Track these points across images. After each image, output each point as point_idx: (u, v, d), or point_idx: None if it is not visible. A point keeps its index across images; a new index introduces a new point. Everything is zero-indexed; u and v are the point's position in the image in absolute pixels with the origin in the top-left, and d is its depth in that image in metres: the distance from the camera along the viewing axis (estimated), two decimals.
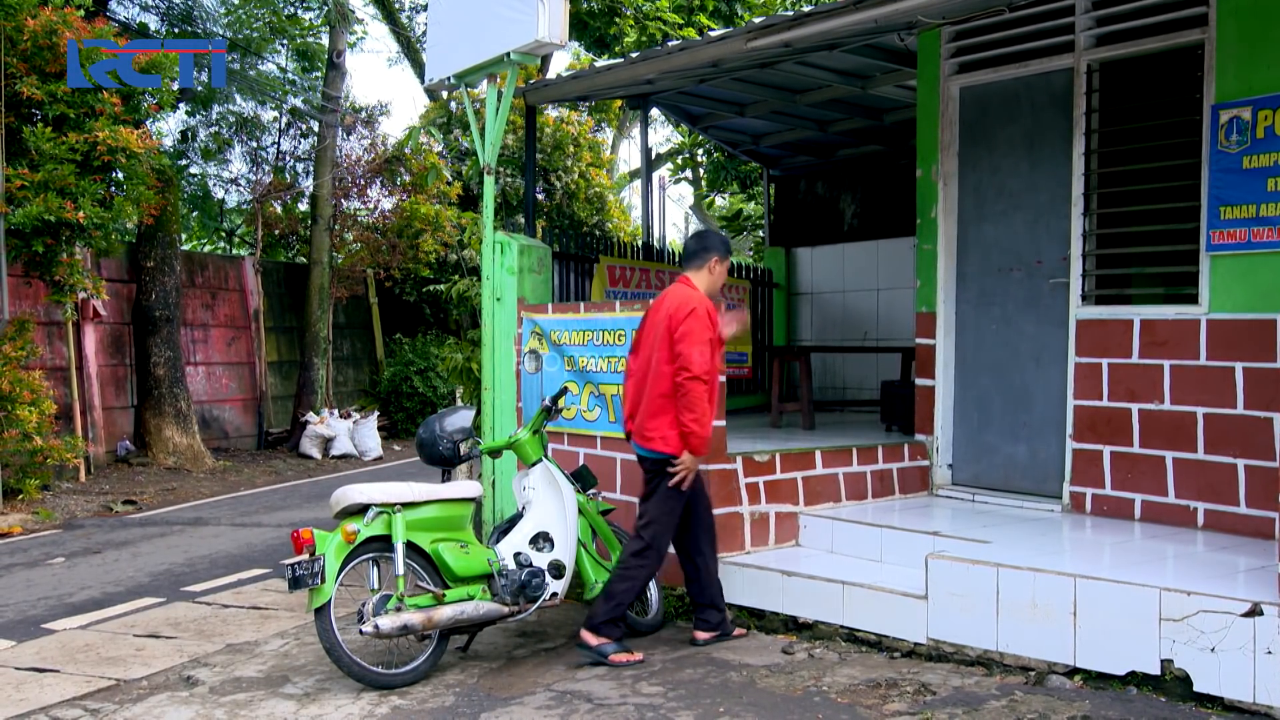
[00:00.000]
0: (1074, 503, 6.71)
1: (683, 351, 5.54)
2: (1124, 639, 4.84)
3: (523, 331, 7.66)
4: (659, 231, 12.58)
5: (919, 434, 7.64)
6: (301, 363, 17.79)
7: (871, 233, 11.23)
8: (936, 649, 5.43)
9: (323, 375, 17.69)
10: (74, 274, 11.51)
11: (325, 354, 17.86)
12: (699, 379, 5.51)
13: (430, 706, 5.12)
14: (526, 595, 5.68)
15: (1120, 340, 6.48)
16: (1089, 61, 6.66)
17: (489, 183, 7.82)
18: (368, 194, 18.96)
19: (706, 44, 7.36)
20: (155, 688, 5.59)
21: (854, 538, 6.55)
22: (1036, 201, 7.00)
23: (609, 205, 20.28)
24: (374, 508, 5.48)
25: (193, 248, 22.85)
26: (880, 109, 10.33)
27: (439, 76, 8.13)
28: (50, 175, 10.49)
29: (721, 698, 5.04)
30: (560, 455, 7.13)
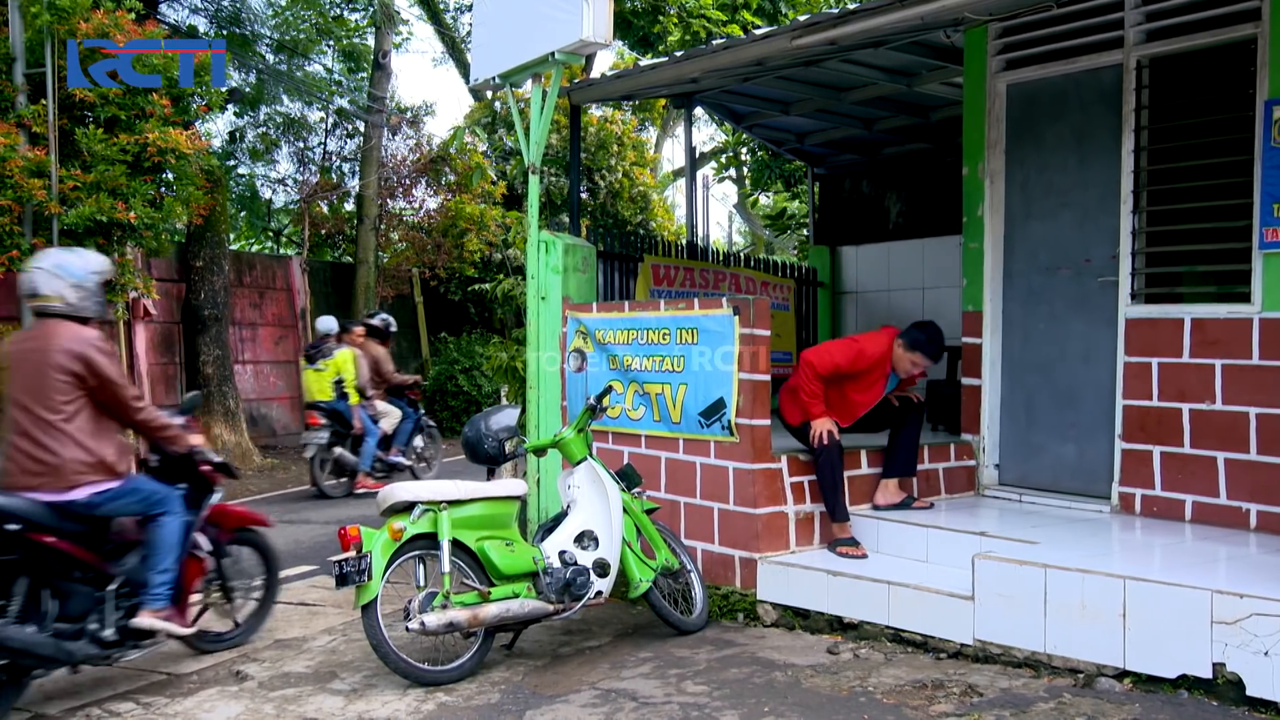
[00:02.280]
0: (1123, 503, 6.64)
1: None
2: (1175, 641, 4.78)
3: (567, 330, 7.68)
4: (703, 230, 12.58)
5: (965, 434, 7.58)
6: None
7: (917, 231, 11.16)
8: (983, 650, 5.39)
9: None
10: (125, 274, 11.65)
11: None
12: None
13: (476, 703, 5.14)
14: (571, 593, 5.70)
15: (1171, 339, 6.40)
16: (1138, 58, 6.58)
17: (534, 182, 7.85)
18: (413, 194, 19.11)
19: (751, 42, 7.34)
20: (205, 682, 5.66)
21: (900, 537, 6.52)
22: (1085, 199, 6.93)
23: (653, 204, 20.30)
24: (420, 505, 5.52)
25: (241, 247, 23.11)
26: (926, 106, 10.26)
27: (484, 76, 8.16)
28: (102, 176, 10.63)
29: (767, 697, 5.03)
30: (605, 454, 7.15)
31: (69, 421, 5.13)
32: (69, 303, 5.27)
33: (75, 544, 5.16)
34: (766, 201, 23.53)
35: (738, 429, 6.48)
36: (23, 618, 4.98)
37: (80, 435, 5.15)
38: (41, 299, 5.26)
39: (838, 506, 6.53)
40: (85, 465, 5.14)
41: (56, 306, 5.26)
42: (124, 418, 5.42)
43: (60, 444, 5.11)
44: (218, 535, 6.09)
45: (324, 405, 11.85)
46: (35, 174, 10.36)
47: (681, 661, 5.68)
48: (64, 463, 5.10)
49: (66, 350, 5.14)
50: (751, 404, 6.43)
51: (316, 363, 12.10)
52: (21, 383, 5.18)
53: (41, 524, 5.01)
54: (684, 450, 6.87)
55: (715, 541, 6.70)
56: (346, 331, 12.73)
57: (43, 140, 10.60)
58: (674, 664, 5.64)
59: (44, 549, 5.03)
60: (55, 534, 5.06)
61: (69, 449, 5.12)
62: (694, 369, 6.72)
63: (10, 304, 11.58)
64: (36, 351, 5.19)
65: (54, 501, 5.08)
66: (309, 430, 11.82)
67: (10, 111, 10.60)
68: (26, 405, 5.14)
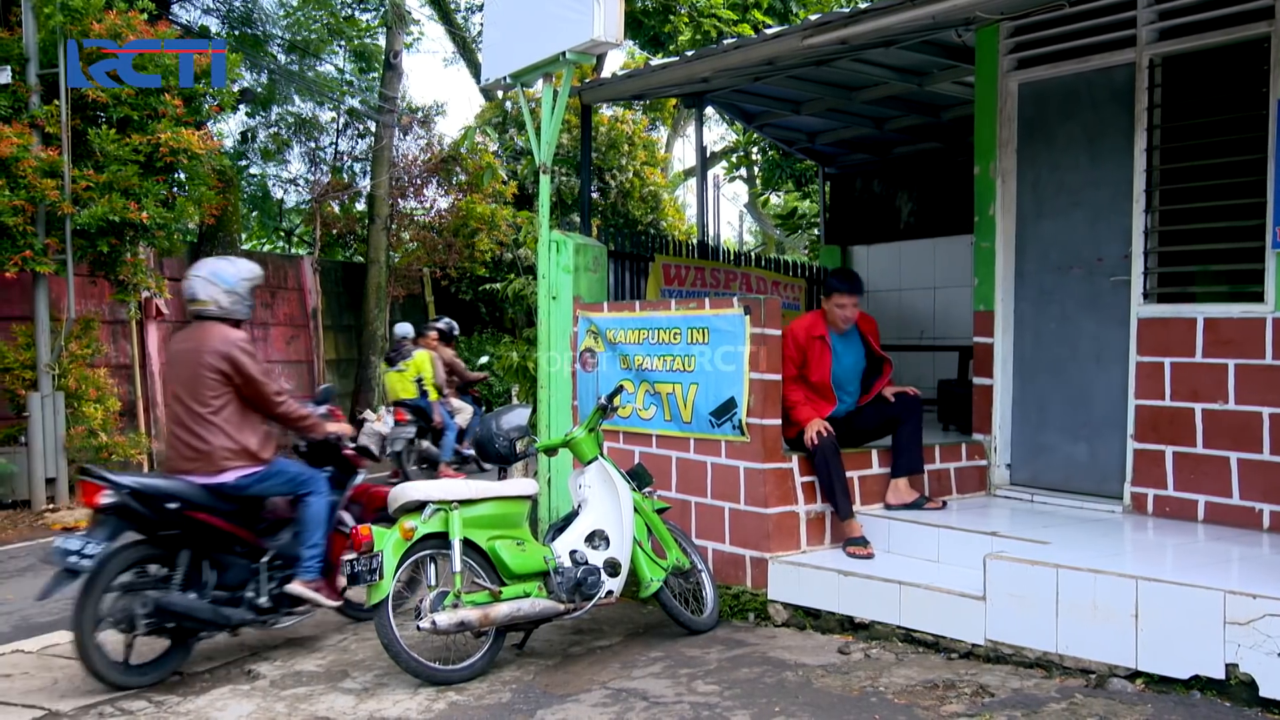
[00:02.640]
0: (1135, 503, 6.62)
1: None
2: (1187, 642, 4.77)
3: (578, 330, 7.69)
4: (714, 230, 12.58)
5: (977, 433, 7.57)
6: (359, 361, 17.97)
7: (928, 230, 11.14)
8: (995, 650, 5.38)
9: (380, 373, 17.85)
10: (138, 273, 11.72)
11: (382, 352, 18.01)
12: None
13: (487, 702, 5.15)
14: (582, 593, 5.70)
15: (1183, 339, 6.38)
16: (1151, 56, 6.56)
17: (545, 182, 7.85)
18: (424, 193, 19.12)
19: (762, 42, 7.33)
20: (218, 681, 5.68)
21: (911, 537, 6.51)
22: (1097, 198, 6.91)
23: (664, 204, 20.30)
24: (431, 505, 5.53)
25: (253, 247, 23.16)
26: (937, 106, 10.24)
27: (495, 76, 8.18)
28: (115, 176, 10.68)
29: (778, 697, 5.03)
30: (616, 454, 7.15)
31: (217, 414, 5.74)
32: (222, 307, 5.92)
33: (229, 521, 5.79)
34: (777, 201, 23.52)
35: (749, 429, 6.47)
36: (185, 586, 5.67)
37: (227, 426, 5.76)
38: (198, 303, 5.92)
39: (839, 504, 6.52)
40: (230, 452, 5.74)
41: (211, 310, 5.90)
42: (266, 411, 5.99)
43: (210, 433, 5.72)
44: (361, 514, 6.53)
45: (409, 403, 12.48)
46: (48, 174, 10.42)
47: (692, 661, 5.68)
48: (213, 449, 5.71)
49: (215, 351, 5.75)
50: (763, 404, 6.43)
51: (398, 365, 12.84)
52: (179, 378, 5.84)
53: (197, 503, 5.64)
54: (695, 450, 6.87)
55: (726, 541, 6.70)
56: (422, 335, 13.56)
57: (56, 140, 10.66)
58: (685, 663, 5.64)
59: (201, 525, 5.68)
60: (209, 511, 5.69)
61: (217, 437, 5.72)
62: (705, 368, 6.72)
63: (24, 303, 11.63)
64: (191, 351, 5.81)
65: (206, 483, 5.70)
66: (397, 426, 12.32)
67: (24, 112, 10.66)
68: (182, 399, 5.78)
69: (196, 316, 5.95)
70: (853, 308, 6.87)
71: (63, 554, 5.30)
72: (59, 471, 11.10)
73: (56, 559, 5.32)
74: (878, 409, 6.91)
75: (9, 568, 8.69)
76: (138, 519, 5.55)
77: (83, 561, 5.31)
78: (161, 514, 5.55)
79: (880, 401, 6.95)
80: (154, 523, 5.59)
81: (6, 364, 11.04)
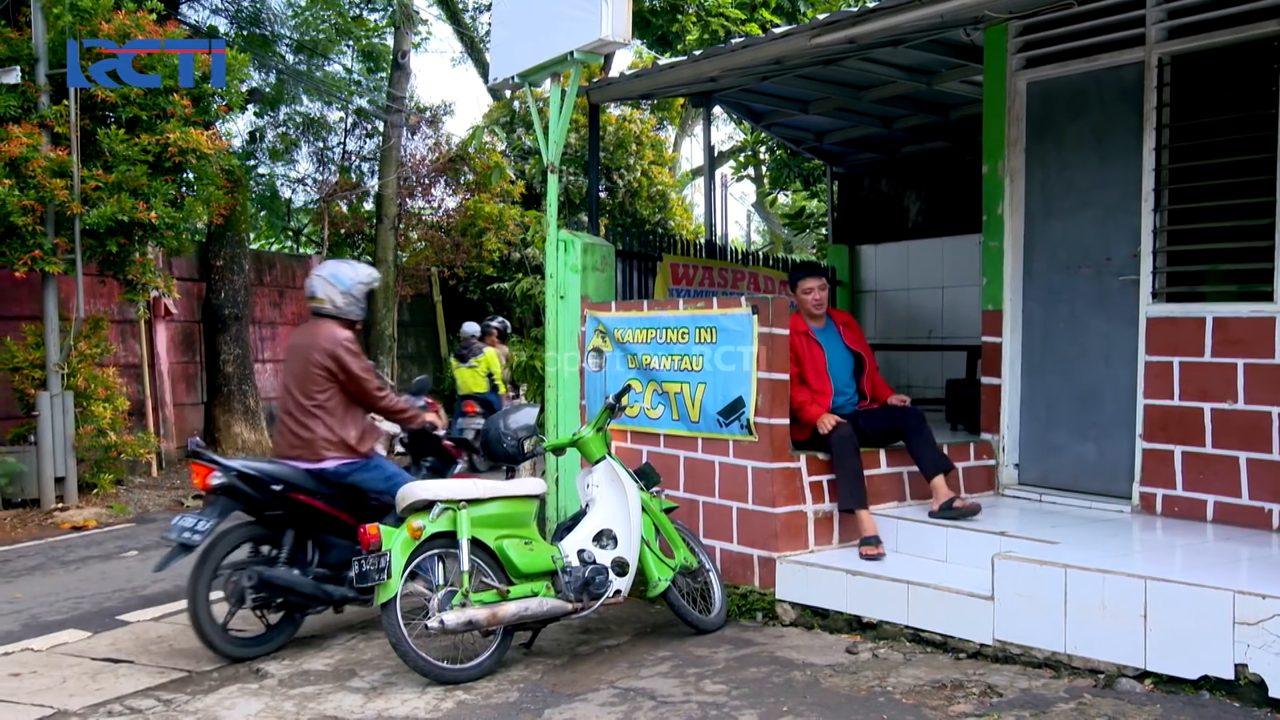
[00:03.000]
0: (1144, 503, 6.61)
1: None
2: (1196, 642, 4.76)
3: (586, 329, 7.69)
4: (721, 229, 12.58)
5: (985, 433, 7.56)
6: None
7: (936, 230, 11.13)
8: (1003, 650, 5.37)
9: (388, 373, 17.87)
10: (146, 273, 11.74)
11: (390, 352, 18.05)
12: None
13: (495, 701, 5.15)
14: (590, 592, 5.70)
15: (1192, 338, 6.37)
16: (1160, 55, 6.55)
17: (553, 181, 7.86)
18: (432, 193, 19.13)
19: (770, 41, 7.33)
20: (226, 679, 5.69)
21: (919, 537, 6.50)
22: (1106, 198, 6.90)
23: (671, 203, 20.29)
24: (439, 504, 5.53)
25: (261, 247, 23.20)
26: (945, 105, 10.23)
27: (503, 76, 8.18)
28: (123, 176, 10.70)
29: (785, 696, 5.02)
30: (623, 453, 7.15)
31: (321, 406, 6.18)
32: (336, 306, 6.35)
33: (330, 504, 6.20)
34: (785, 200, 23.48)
35: (756, 428, 6.47)
36: (290, 563, 6.08)
37: (329, 418, 6.19)
38: (316, 301, 6.35)
39: (854, 496, 6.47)
40: (330, 442, 6.17)
41: (326, 308, 6.34)
42: (370, 405, 6.40)
43: (313, 423, 6.18)
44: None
45: (479, 396, 13.43)
46: (57, 174, 10.45)
47: (700, 660, 5.68)
48: (315, 438, 6.16)
49: (323, 349, 6.18)
50: (770, 403, 6.43)
51: (469, 361, 13.90)
52: (291, 371, 6.32)
53: (300, 486, 6.09)
54: (703, 449, 6.87)
55: (734, 541, 6.69)
56: (486, 334, 14.55)
57: (65, 141, 10.68)
58: (692, 663, 5.64)
59: (304, 507, 6.10)
60: (311, 495, 6.11)
61: (320, 428, 6.17)
62: (712, 368, 6.72)
63: (33, 303, 11.67)
64: (304, 347, 6.27)
65: (308, 469, 6.15)
66: (465, 417, 12.93)
67: (33, 112, 10.68)
68: (292, 390, 6.26)
69: (314, 313, 6.40)
70: (819, 290, 6.99)
71: (178, 530, 5.79)
72: (68, 470, 11.13)
73: (173, 535, 5.79)
74: (886, 415, 6.91)
75: (18, 566, 8.72)
76: (246, 499, 6.02)
77: (195, 537, 5.78)
78: (267, 495, 6.02)
79: (887, 408, 6.96)
80: (261, 503, 6.05)
81: (16, 363, 11.07)
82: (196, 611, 5.80)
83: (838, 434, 6.53)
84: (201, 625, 5.82)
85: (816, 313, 7.00)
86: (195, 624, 5.83)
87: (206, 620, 5.84)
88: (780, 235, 28.97)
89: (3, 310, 11.93)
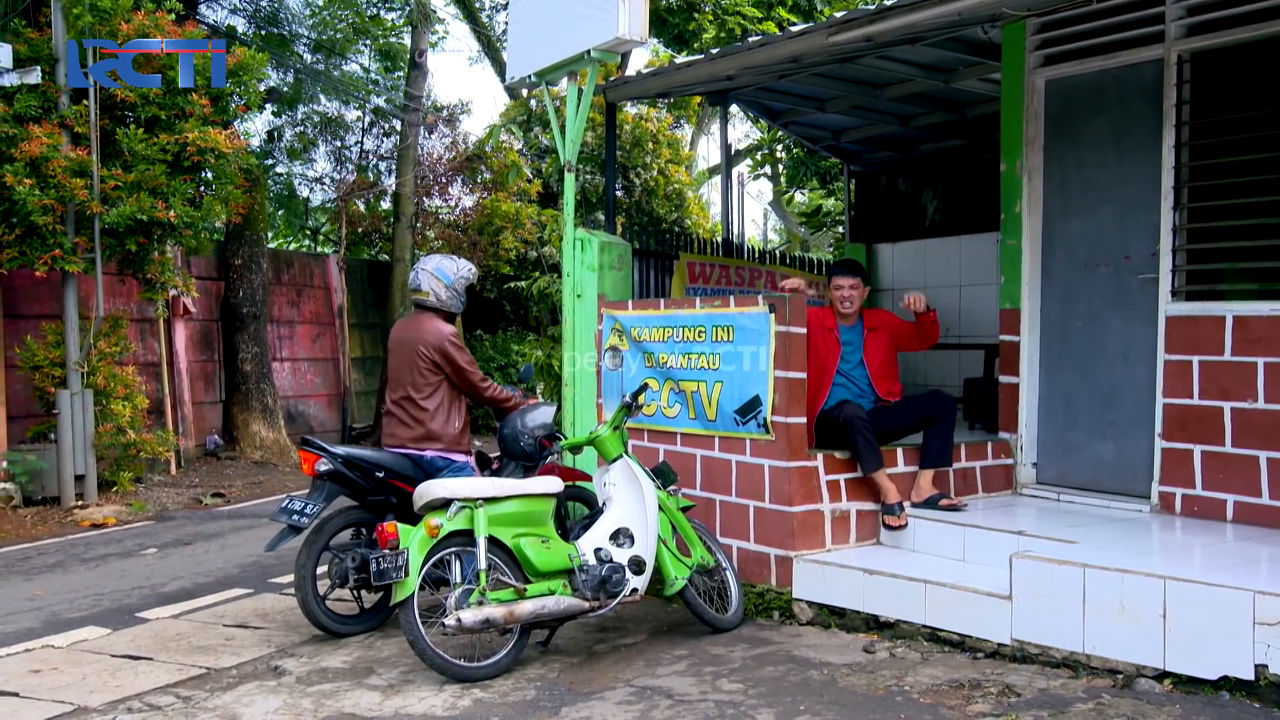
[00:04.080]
0: (1163, 503, 6.58)
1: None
2: (1216, 642, 4.73)
3: (603, 328, 7.70)
4: (738, 228, 12.56)
5: (1003, 432, 7.53)
6: (384, 359, 18.02)
7: (954, 228, 11.10)
8: (1021, 650, 5.35)
9: None
10: (165, 272, 11.79)
11: None
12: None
13: (512, 700, 5.16)
14: (607, 591, 5.70)
15: (1212, 337, 6.33)
16: (1180, 52, 6.52)
17: (569, 180, 7.86)
18: (449, 192, 19.14)
19: (787, 39, 7.32)
20: (244, 676, 5.71)
21: (936, 536, 6.48)
22: (1124, 196, 6.87)
23: (688, 202, 20.28)
24: (457, 502, 5.54)
25: (279, 246, 23.28)
26: (963, 103, 10.20)
27: (519, 75, 8.19)
28: (142, 176, 10.75)
29: (802, 695, 5.02)
30: (640, 452, 7.15)
31: (427, 398, 6.53)
32: (440, 299, 6.66)
33: None
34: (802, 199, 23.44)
35: (773, 427, 6.46)
36: None
37: (434, 409, 6.54)
38: (420, 294, 6.68)
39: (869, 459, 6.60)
40: (433, 433, 6.52)
41: (429, 301, 6.66)
42: (475, 395, 6.77)
43: (418, 414, 6.53)
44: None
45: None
46: (77, 174, 10.50)
47: (717, 659, 5.68)
48: (421, 429, 6.52)
49: (429, 343, 6.52)
50: (787, 402, 6.42)
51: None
52: (396, 363, 6.67)
53: (400, 473, 6.42)
54: (719, 448, 6.87)
55: (751, 539, 6.69)
56: None
57: (84, 140, 10.74)
58: (709, 662, 5.64)
59: (404, 494, 6.31)
60: (411, 482, 6.24)
61: (426, 419, 6.52)
62: (730, 367, 6.71)
63: (53, 302, 11.73)
64: (409, 340, 6.61)
65: (409, 454, 6.51)
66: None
67: (53, 112, 10.74)
68: (400, 380, 6.61)
69: (417, 306, 6.75)
70: (849, 289, 6.97)
71: (287, 514, 6.21)
72: (88, 468, 11.18)
73: (281, 518, 6.20)
74: (910, 407, 6.90)
75: (38, 563, 8.77)
76: (350, 485, 6.38)
77: (303, 520, 6.19)
78: (370, 481, 6.37)
79: (911, 400, 6.94)
80: (364, 489, 6.40)
81: (36, 362, 11.13)
82: (304, 587, 6.15)
83: (847, 413, 6.61)
84: (307, 600, 6.19)
85: (845, 311, 7.00)
86: (302, 600, 6.20)
87: (312, 596, 6.19)
88: (797, 234, 28.92)
89: (23, 309, 11.99)
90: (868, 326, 7.09)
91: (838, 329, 6.99)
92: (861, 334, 7.05)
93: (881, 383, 7.01)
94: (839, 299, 6.98)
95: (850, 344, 6.98)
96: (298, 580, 6.18)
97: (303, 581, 6.16)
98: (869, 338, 7.06)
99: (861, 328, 7.07)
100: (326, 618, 6.29)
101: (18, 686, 5.60)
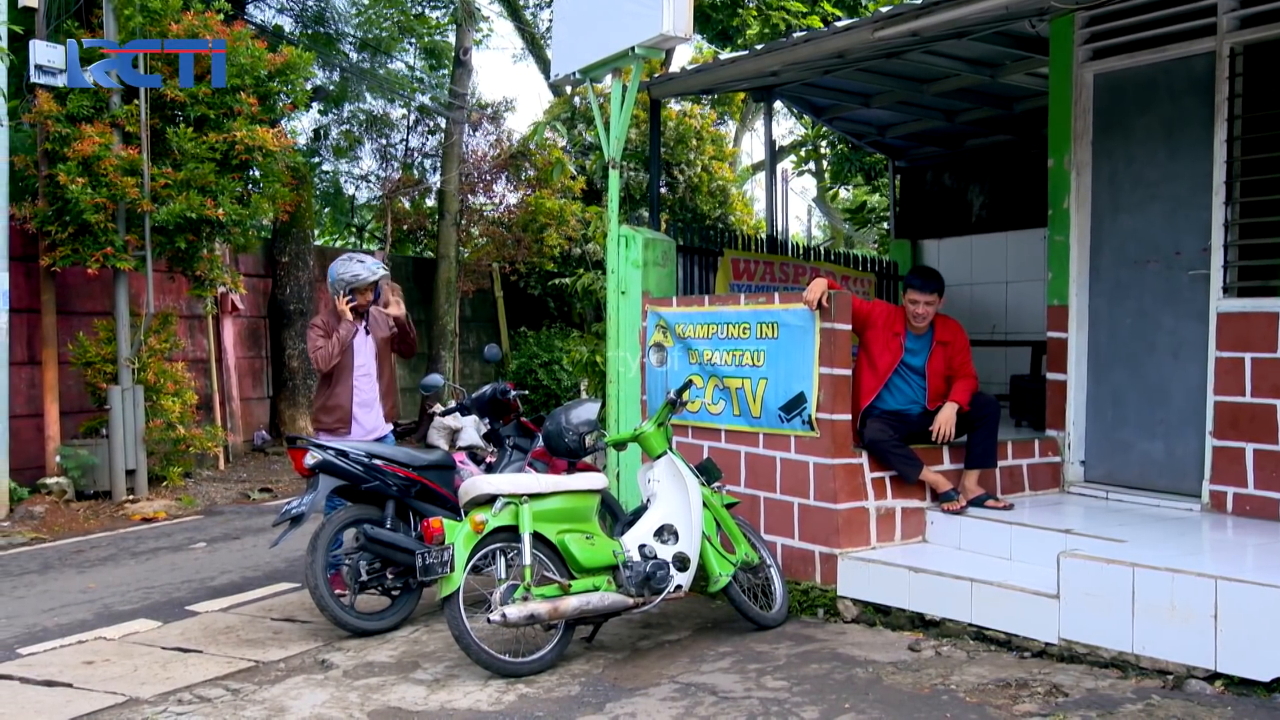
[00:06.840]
0: (1214, 502, 6.50)
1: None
2: (1269, 644, 4.67)
3: (647, 325, 7.70)
4: (782, 224, 12.50)
5: (1050, 429, 7.47)
6: (429, 355, 18.11)
7: (1000, 224, 11.01)
8: (1069, 649, 5.31)
9: (450, 368, 17.98)
10: (214, 269, 11.92)
11: (452, 347, 18.15)
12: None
13: (556, 695, 5.18)
14: (651, 587, 5.71)
15: (1264, 333, 6.24)
16: (1232, 45, 6.43)
17: (614, 177, 7.87)
18: (493, 189, 19.18)
19: (832, 34, 7.29)
20: (292, 670, 5.77)
21: (982, 534, 6.44)
22: (1175, 191, 6.79)
23: (732, 198, 20.20)
24: (501, 498, 5.57)
25: (325, 243, 23.43)
26: (1010, 98, 10.11)
27: (564, 72, 8.21)
28: (192, 174, 10.87)
29: (847, 694, 5.01)
30: (684, 448, 7.16)
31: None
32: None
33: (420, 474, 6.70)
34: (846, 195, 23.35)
35: (818, 424, 6.45)
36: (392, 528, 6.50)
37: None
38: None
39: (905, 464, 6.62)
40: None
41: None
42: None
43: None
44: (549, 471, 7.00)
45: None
46: (128, 172, 10.64)
47: (761, 656, 5.67)
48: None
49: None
50: (832, 398, 6.40)
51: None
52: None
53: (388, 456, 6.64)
54: (764, 445, 6.86)
55: (795, 537, 6.68)
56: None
57: (135, 140, 10.88)
58: (753, 659, 5.63)
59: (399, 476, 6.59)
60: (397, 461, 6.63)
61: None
62: (774, 363, 6.70)
63: (105, 299, 11.89)
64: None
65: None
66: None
67: (105, 112, 10.88)
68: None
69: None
70: (924, 305, 6.74)
71: (284, 510, 6.35)
72: (138, 463, 11.33)
73: (280, 515, 6.35)
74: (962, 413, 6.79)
75: (90, 557, 8.90)
76: (343, 474, 6.44)
77: (300, 507, 6.27)
78: (361, 465, 6.47)
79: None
80: (357, 476, 6.47)
81: (88, 358, 11.29)
82: (318, 589, 6.15)
83: (869, 437, 6.59)
84: (324, 602, 6.19)
85: (917, 324, 6.81)
86: (318, 602, 6.20)
87: (328, 597, 6.19)
88: (841, 230, 28.77)
89: (76, 306, 12.15)
90: (938, 340, 6.86)
91: (905, 335, 6.82)
92: (930, 345, 6.85)
93: (936, 395, 6.85)
94: (914, 314, 6.76)
95: (913, 350, 6.83)
96: (309, 582, 6.17)
97: (314, 580, 6.15)
98: (937, 350, 6.85)
99: (931, 338, 6.86)
100: (346, 615, 6.29)
101: (71, 677, 5.69)
